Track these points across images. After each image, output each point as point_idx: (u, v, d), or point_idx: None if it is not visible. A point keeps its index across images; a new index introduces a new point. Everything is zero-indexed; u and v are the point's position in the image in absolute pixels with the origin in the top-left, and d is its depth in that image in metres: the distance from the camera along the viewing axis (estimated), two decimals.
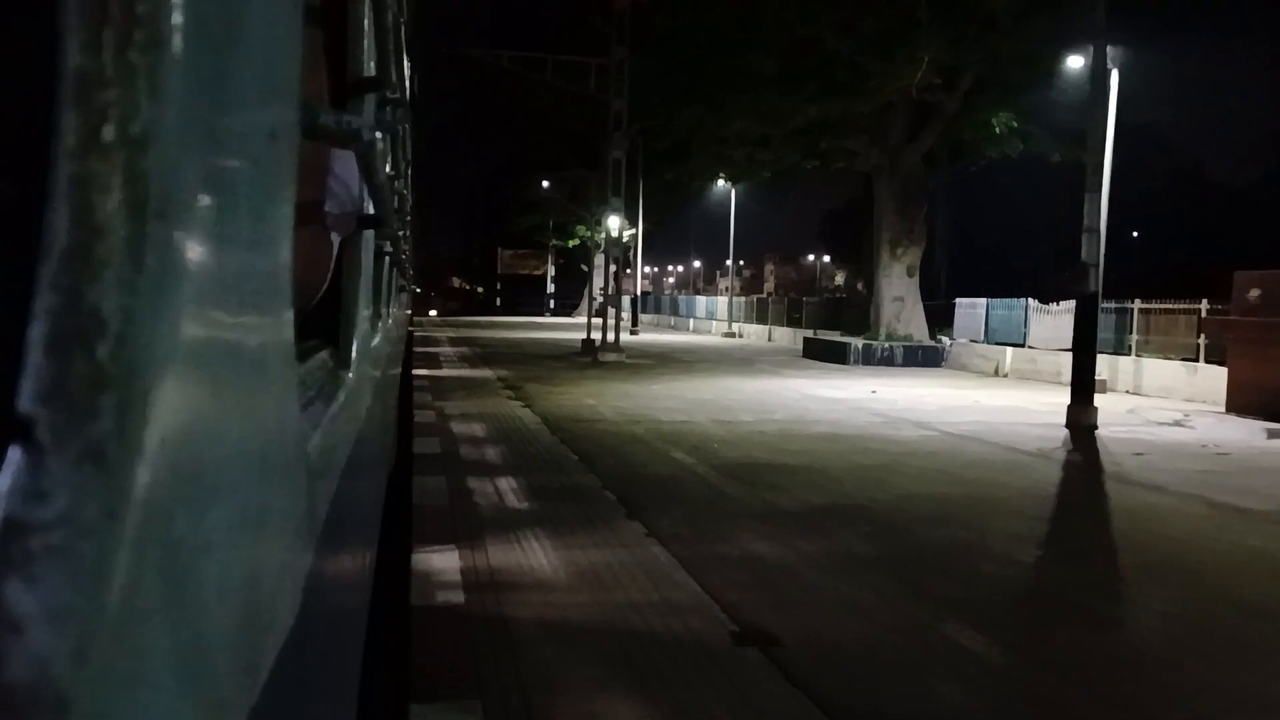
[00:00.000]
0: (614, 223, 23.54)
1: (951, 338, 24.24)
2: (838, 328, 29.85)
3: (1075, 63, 18.73)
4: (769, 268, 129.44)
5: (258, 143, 0.57)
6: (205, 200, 0.45)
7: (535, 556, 5.71)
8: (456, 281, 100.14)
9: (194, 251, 0.42)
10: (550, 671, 3.98)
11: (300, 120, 0.77)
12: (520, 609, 4.76)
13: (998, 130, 20.86)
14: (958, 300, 24.08)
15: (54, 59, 0.35)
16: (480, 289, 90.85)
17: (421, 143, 13.36)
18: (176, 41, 0.39)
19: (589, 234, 62.61)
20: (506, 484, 7.89)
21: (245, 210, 0.54)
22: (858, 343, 23.89)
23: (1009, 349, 21.43)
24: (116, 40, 0.36)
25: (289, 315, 0.71)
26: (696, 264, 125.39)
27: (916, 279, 24.91)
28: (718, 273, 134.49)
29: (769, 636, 4.47)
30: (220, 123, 0.47)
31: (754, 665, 4.15)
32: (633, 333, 38.13)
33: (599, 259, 66.43)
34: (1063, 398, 16.38)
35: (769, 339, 35.63)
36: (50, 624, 0.32)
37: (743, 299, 40.39)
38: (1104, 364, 17.72)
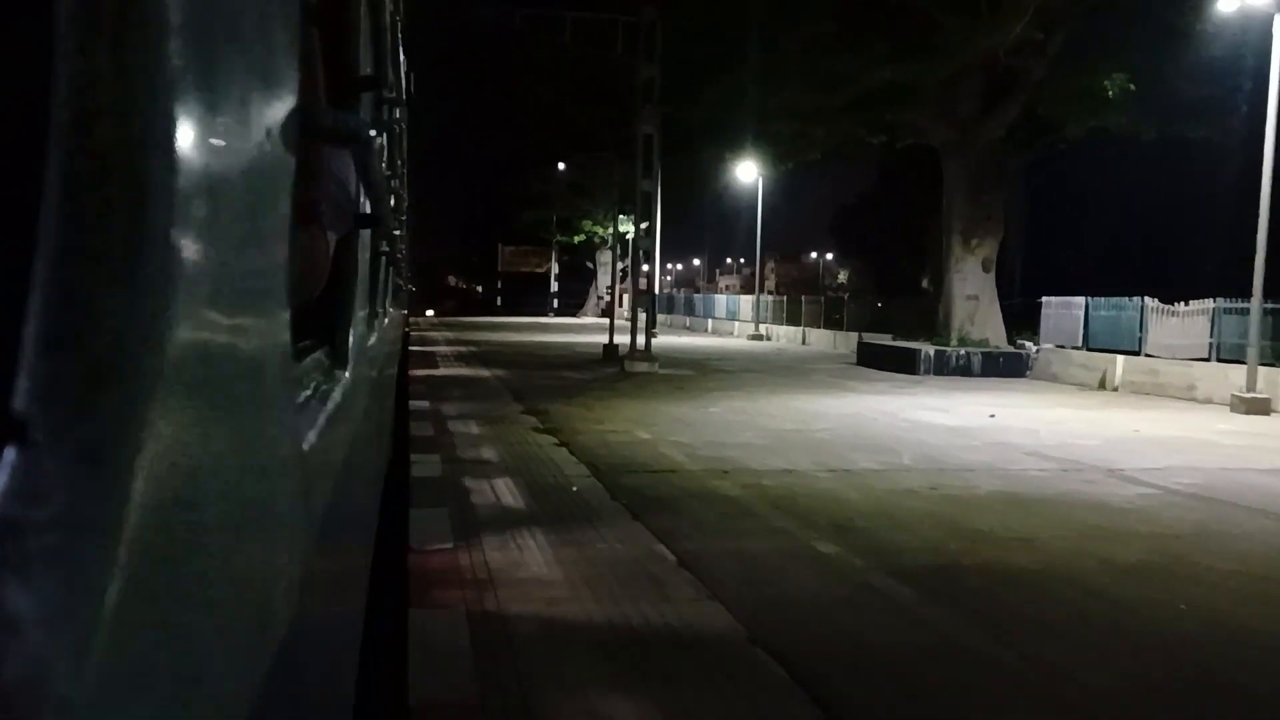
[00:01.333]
0: (631, 213, 20.39)
1: (1036, 342, 20.85)
2: (886, 330, 26.45)
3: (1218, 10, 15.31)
4: (769, 265, 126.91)
5: (255, 142, 0.56)
6: (202, 200, 0.44)
7: None
8: (453, 280, 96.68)
9: (191, 251, 0.42)
10: None
11: (298, 120, 0.75)
12: None
13: (1111, 95, 17.41)
14: (1045, 299, 20.68)
15: (51, 59, 0.35)
16: (479, 288, 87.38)
17: (419, 137, 11.50)
18: (174, 42, 0.39)
19: (596, 229, 59.28)
20: (564, 627, 4.47)
21: (242, 209, 0.53)
22: (928, 349, 20.47)
23: (1119, 357, 18.01)
24: (113, 41, 0.36)
25: (286, 314, 0.70)
26: (696, 262, 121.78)
27: (993, 274, 21.51)
28: (717, 271, 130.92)
29: None
30: (218, 122, 0.47)
31: None
32: (651, 335, 34.65)
33: (605, 256, 63.01)
34: (1231, 423, 13.04)
35: (803, 342, 32.20)
36: (47, 625, 0.32)
37: (770, 298, 36.87)
38: (1262, 377, 14.34)
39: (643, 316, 20.45)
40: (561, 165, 41.16)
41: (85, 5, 0.35)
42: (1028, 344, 21.00)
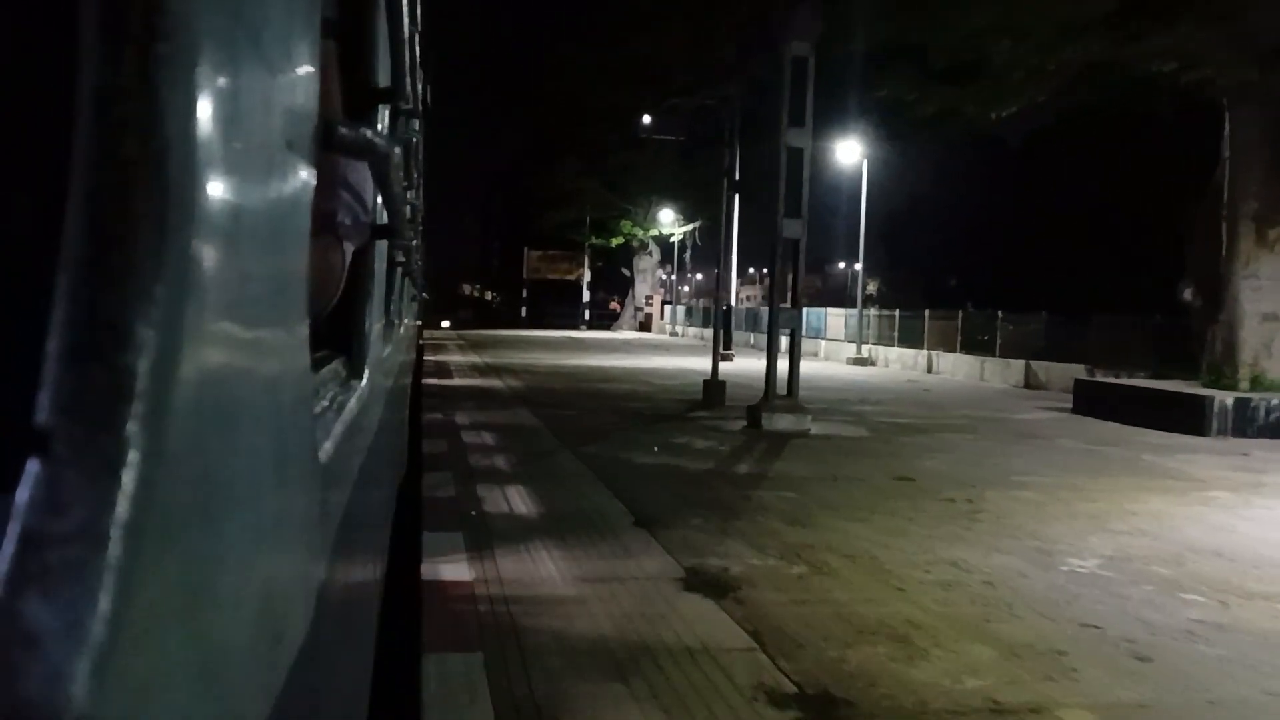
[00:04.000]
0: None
1: None
2: (1078, 359, 19.30)
3: None
4: (789, 277, 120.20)
5: (276, 155, 0.57)
6: (223, 212, 0.44)
7: None
8: (467, 289, 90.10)
9: (211, 263, 0.43)
10: None
11: (317, 132, 0.75)
12: None
13: None
14: None
15: (76, 73, 0.36)
16: (495, 296, 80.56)
17: (432, 135, 9.43)
18: (195, 55, 0.40)
19: (635, 231, 52.13)
20: None
21: (263, 222, 0.54)
22: (1224, 398, 13.29)
23: None
24: (137, 55, 0.36)
25: (305, 326, 0.69)
26: (717, 271, 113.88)
27: None
28: (737, 280, 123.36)
29: None
30: (240, 135, 0.47)
31: None
32: (725, 357, 27.66)
33: (644, 261, 55.91)
34: None
35: (930, 369, 25.02)
36: (68, 637, 0.32)
37: (873, 312, 29.58)
38: None
39: (797, 346, 13.36)
40: (646, 119, 33.61)
41: (111, 17, 0.36)
42: None
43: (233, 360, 0.48)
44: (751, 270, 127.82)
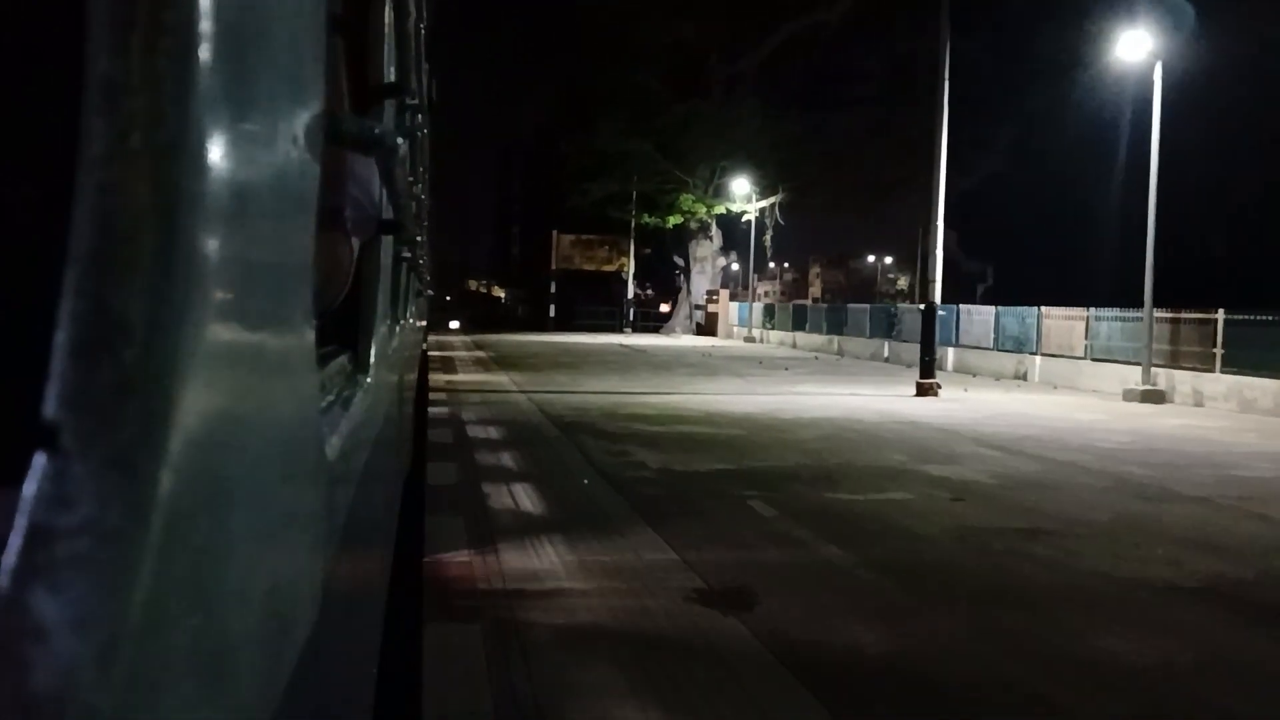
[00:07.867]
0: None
1: None
2: None
3: None
4: (815, 271, 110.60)
5: (282, 149, 0.57)
6: (229, 206, 0.45)
7: None
8: (474, 284, 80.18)
9: (218, 257, 0.43)
10: None
11: (323, 126, 0.75)
12: None
13: None
14: None
15: (82, 66, 0.36)
16: (508, 293, 70.33)
17: (436, 111, 7.91)
18: (202, 49, 0.40)
19: (698, 206, 41.37)
20: None
21: (269, 217, 0.54)
22: None
23: None
24: (144, 48, 0.37)
25: (311, 321, 0.70)
26: (735, 266, 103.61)
27: None
28: (754, 276, 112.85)
29: None
30: (244, 129, 0.48)
31: None
32: (925, 385, 16.95)
33: (703, 248, 45.14)
34: None
35: None
36: (75, 631, 0.32)
37: (1157, 315, 18.00)
38: None
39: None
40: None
41: (118, 9, 0.36)
42: None
43: (240, 354, 0.48)
44: (771, 265, 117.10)
